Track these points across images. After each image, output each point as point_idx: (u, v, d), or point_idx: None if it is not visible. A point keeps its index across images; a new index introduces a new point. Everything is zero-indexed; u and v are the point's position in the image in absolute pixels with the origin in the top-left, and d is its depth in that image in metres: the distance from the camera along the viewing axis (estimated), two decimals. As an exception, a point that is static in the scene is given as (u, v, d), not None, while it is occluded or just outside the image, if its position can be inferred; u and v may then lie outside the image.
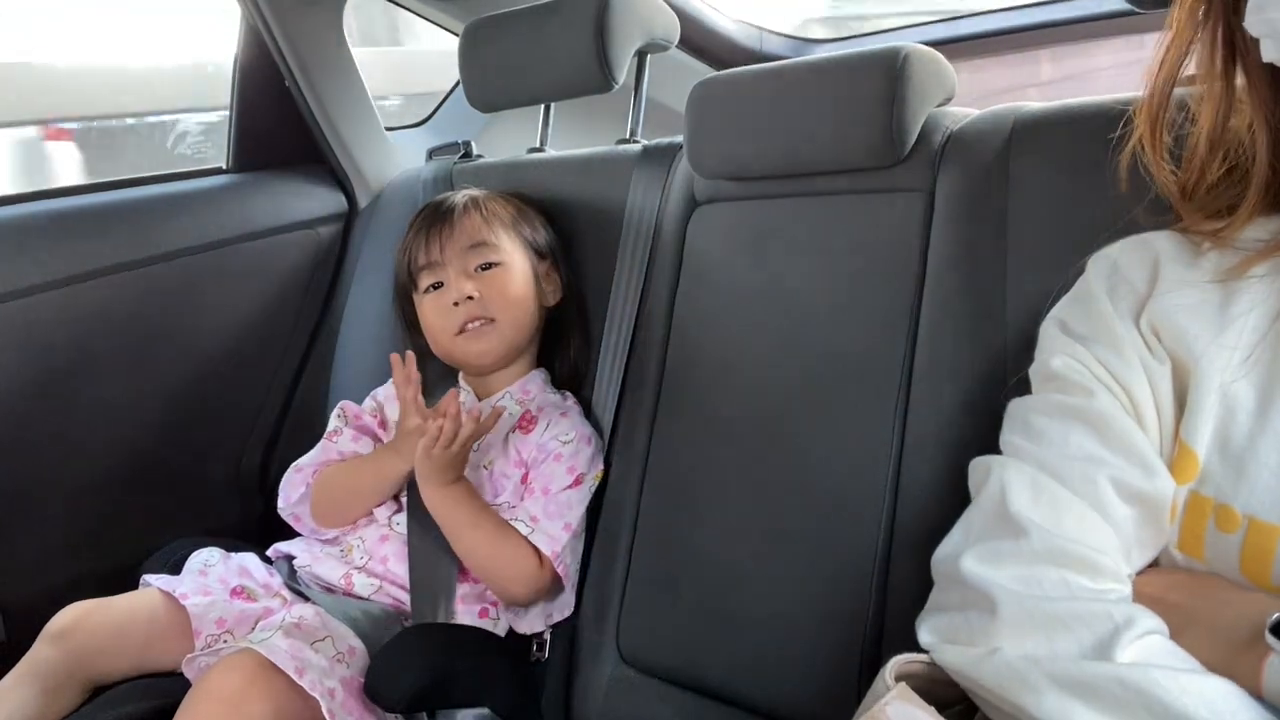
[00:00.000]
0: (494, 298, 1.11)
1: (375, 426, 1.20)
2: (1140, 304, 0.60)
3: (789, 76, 1.01)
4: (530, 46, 1.28)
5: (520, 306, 1.13)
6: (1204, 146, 0.58)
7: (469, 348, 1.12)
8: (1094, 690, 0.47)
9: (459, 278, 1.11)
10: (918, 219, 0.93)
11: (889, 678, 0.53)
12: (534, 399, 1.14)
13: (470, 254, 1.12)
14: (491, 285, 1.11)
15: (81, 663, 1.00)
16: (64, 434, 1.27)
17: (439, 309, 1.12)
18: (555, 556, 1.03)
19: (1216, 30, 0.57)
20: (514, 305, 1.12)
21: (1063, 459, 0.58)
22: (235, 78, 1.47)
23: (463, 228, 1.13)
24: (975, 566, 0.55)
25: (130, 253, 1.30)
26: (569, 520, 1.05)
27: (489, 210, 1.15)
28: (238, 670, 0.87)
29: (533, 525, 1.03)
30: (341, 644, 0.95)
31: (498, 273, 1.12)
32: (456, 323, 1.11)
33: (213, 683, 0.87)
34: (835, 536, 0.92)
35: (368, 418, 1.20)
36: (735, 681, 0.96)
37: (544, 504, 1.05)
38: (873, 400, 0.92)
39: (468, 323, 1.10)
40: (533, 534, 1.03)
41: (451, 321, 1.11)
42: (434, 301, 1.13)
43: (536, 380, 1.17)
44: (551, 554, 1.03)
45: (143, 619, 1.03)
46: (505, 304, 1.11)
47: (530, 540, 1.02)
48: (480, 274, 1.12)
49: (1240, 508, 0.53)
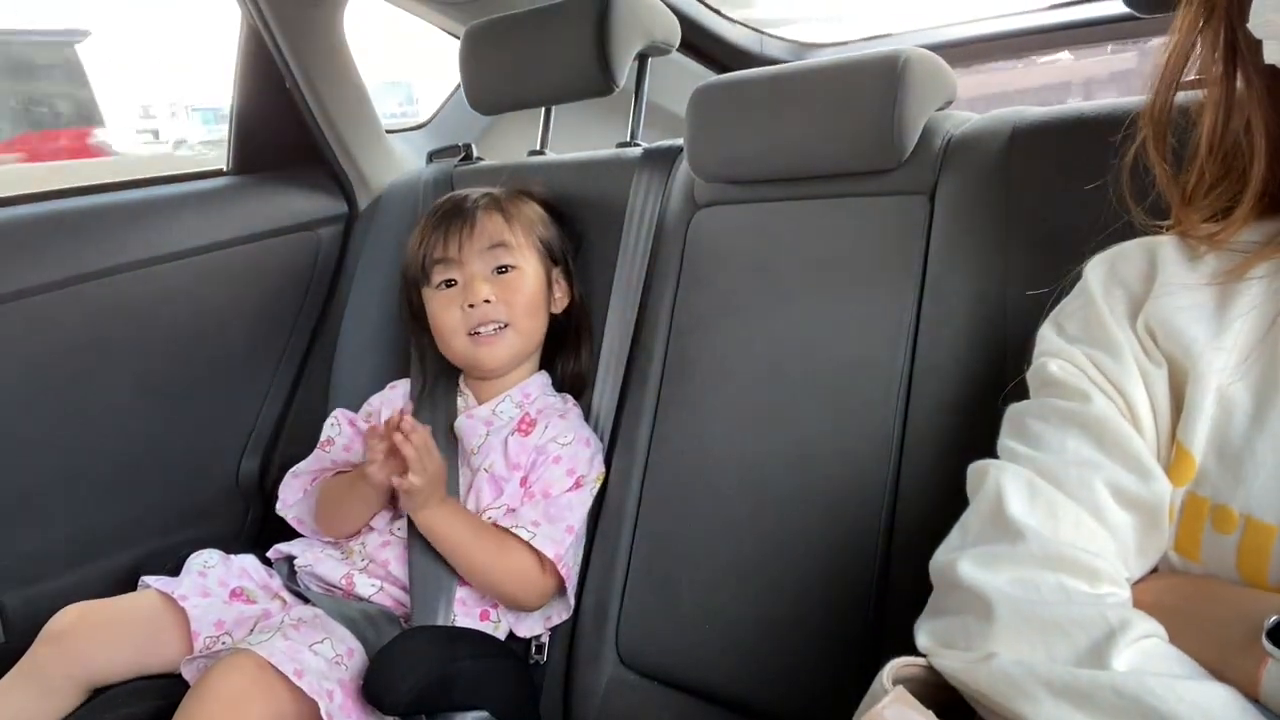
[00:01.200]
0: (510, 302, 1.10)
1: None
2: (1137, 307, 0.60)
3: (790, 80, 1.01)
4: (531, 49, 1.28)
5: (533, 313, 1.13)
6: (1204, 150, 0.59)
7: (479, 351, 1.11)
8: (1089, 698, 0.47)
9: (476, 279, 1.10)
10: (918, 222, 0.93)
11: (887, 681, 0.53)
12: (534, 402, 1.14)
13: (489, 255, 1.11)
14: (508, 289, 1.11)
15: (80, 663, 0.99)
16: (63, 435, 1.27)
17: (452, 308, 1.11)
18: (559, 559, 1.03)
19: (1219, 33, 0.57)
20: (528, 311, 1.12)
21: (1059, 464, 0.58)
22: (235, 79, 1.47)
23: (484, 227, 1.11)
24: (972, 571, 0.55)
25: (130, 254, 1.30)
26: (571, 523, 1.05)
27: (509, 211, 1.14)
28: (236, 672, 0.87)
29: (534, 530, 1.03)
30: (340, 646, 0.95)
31: (514, 277, 1.11)
32: (470, 324, 1.10)
33: (211, 684, 0.87)
34: (834, 538, 0.92)
35: (361, 423, 1.20)
36: (733, 684, 0.96)
37: (545, 508, 1.05)
38: (872, 402, 0.92)
39: (480, 326, 1.10)
40: (535, 539, 1.03)
41: (464, 322, 1.10)
42: (447, 299, 1.12)
43: (538, 383, 1.16)
44: (555, 557, 1.03)
45: (141, 620, 1.03)
46: (520, 309, 1.11)
47: (533, 545, 1.02)
48: (497, 276, 1.11)
49: (1238, 508, 0.53)
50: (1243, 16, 0.52)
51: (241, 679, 0.86)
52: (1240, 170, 0.58)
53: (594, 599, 1.08)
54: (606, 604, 1.07)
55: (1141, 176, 0.63)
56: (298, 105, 1.46)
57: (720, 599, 0.98)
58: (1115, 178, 0.65)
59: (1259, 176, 0.56)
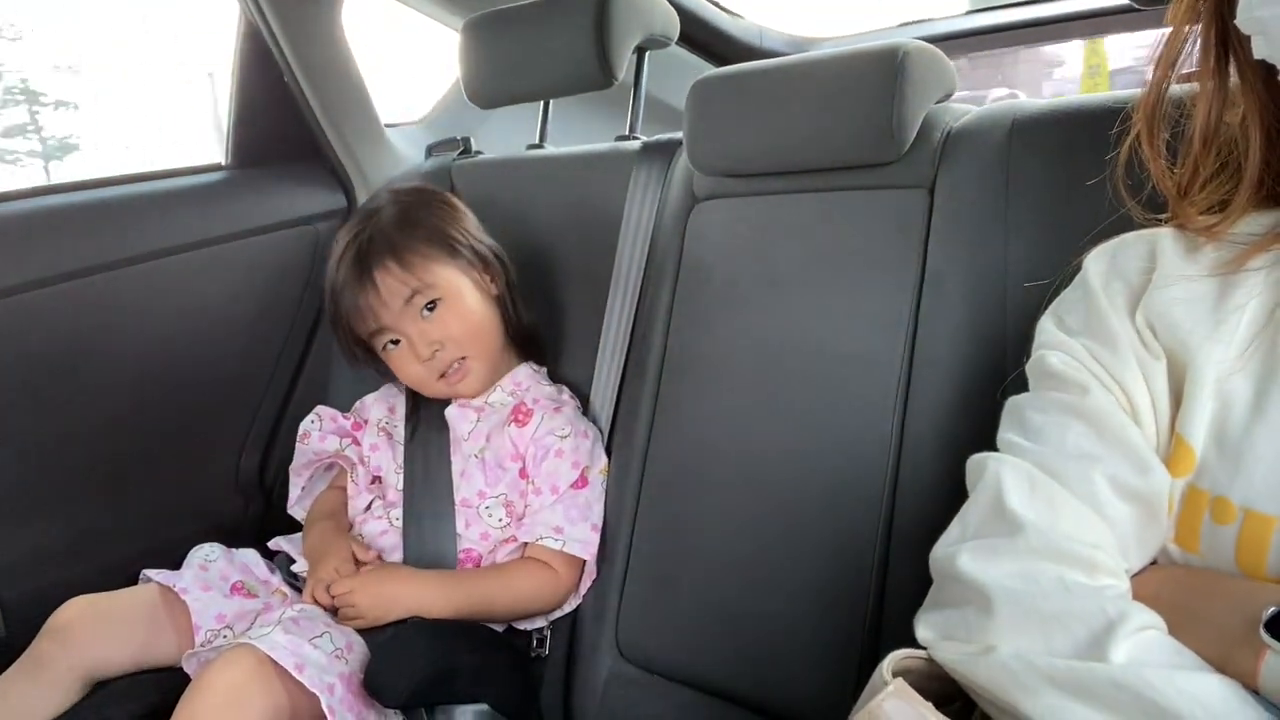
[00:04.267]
0: (457, 334, 1.08)
1: (350, 428, 1.21)
2: (1136, 299, 0.60)
3: (789, 73, 1.01)
4: (530, 43, 1.28)
5: (485, 330, 1.11)
6: (1198, 143, 0.59)
7: (456, 389, 1.11)
8: (1089, 691, 0.47)
9: (414, 332, 1.07)
10: (917, 215, 0.93)
11: (886, 673, 0.53)
12: (527, 390, 1.14)
13: (411, 304, 1.07)
14: (448, 323, 1.08)
15: (82, 657, 1.00)
16: (61, 430, 1.27)
17: (410, 362, 1.09)
18: (592, 558, 1.05)
19: (1211, 28, 0.57)
20: (479, 333, 1.10)
21: (1059, 456, 0.58)
22: (234, 74, 1.47)
23: (389, 288, 1.06)
24: (971, 563, 0.56)
25: (129, 249, 1.30)
26: (594, 520, 1.07)
27: (406, 251, 1.07)
28: (237, 666, 0.87)
29: (560, 536, 1.04)
30: (340, 639, 0.95)
31: (444, 309, 1.08)
32: (435, 371, 1.09)
33: (212, 678, 0.87)
34: (834, 532, 0.92)
35: (342, 420, 1.21)
36: (733, 677, 0.96)
37: (563, 510, 1.05)
38: (872, 396, 0.92)
39: (444, 371, 1.09)
40: (566, 545, 1.04)
41: (429, 370, 1.09)
42: (400, 356, 1.10)
43: (525, 371, 1.17)
44: (590, 557, 1.05)
45: (143, 614, 1.03)
46: (468, 336, 1.09)
47: (565, 551, 1.04)
48: (430, 316, 1.08)
49: (1237, 499, 0.53)
50: (1233, 12, 0.52)
51: (242, 673, 0.86)
52: (1236, 164, 0.58)
53: (594, 592, 1.08)
54: (606, 597, 1.07)
55: (1138, 171, 0.63)
56: (296, 99, 1.45)
57: (720, 592, 0.98)
58: (1112, 171, 0.65)
59: (1254, 169, 0.56)
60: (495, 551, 1.08)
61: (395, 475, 1.13)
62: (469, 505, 1.09)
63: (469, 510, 1.08)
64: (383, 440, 1.17)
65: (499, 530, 1.08)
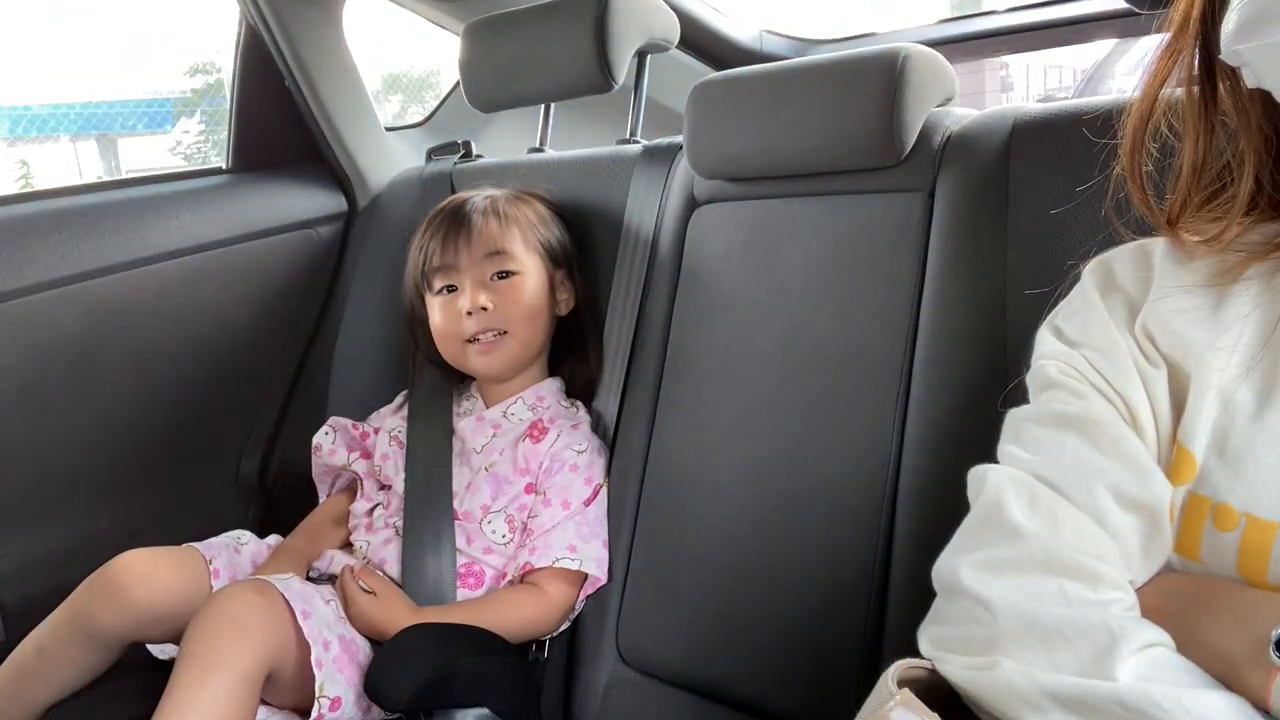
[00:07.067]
0: (508, 309, 1.10)
1: (359, 438, 1.21)
2: (1135, 309, 0.60)
3: (789, 77, 1.01)
4: (530, 47, 1.28)
5: (533, 319, 1.12)
6: (1187, 171, 0.59)
7: (478, 360, 1.11)
8: (1094, 710, 0.47)
9: (474, 286, 1.10)
10: (918, 219, 0.93)
11: (891, 683, 0.53)
12: (548, 408, 1.14)
13: (487, 262, 1.11)
14: (506, 296, 1.10)
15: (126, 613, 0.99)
16: (63, 433, 1.27)
17: (451, 314, 1.11)
18: (605, 576, 1.05)
19: (1195, 58, 0.57)
20: (527, 318, 1.11)
21: (1060, 468, 0.58)
22: (235, 77, 1.47)
23: (480, 234, 1.10)
24: (974, 577, 0.55)
25: (129, 252, 1.30)
26: (602, 536, 1.07)
27: (508, 215, 1.13)
28: (249, 593, 0.89)
29: (575, 555, 1.03)
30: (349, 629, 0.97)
31: (514, 282, 1.11)
32: (468, 331, 1.10)
33: (223, 600, 0.88)
34: (834, 536, 0.92)
35: (352, 430, 1.22)
36: (734, 681, 0.96)
37: (575, 528, 1.05)
38: (872, 400, 0.92)
39: (479, 333, 1.10)
40: (582, 564, 1.03)
41: (462, 329, 1.10)
42: (446, 305, 1.12)
43: (551, 388, 1.16)
44: (604, 576, 1.05)
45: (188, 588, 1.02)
46: (519, 316, 1.10)
47: (582, 570, 1.04)
48: (495, 283, 1.10)
49: (1238, 506, 0.53)
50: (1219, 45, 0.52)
51: (251, 602, 0.88)
52: (1226, 184, 0.58)
53: (594, 597, 1.08)
54: (607, 601, 1.07)
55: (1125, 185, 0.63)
56: (297, 103, 1.46)
57: (720, 596, 0.98)
58: (1102, 187, 0.65)
59: (1245, 194, 0.56)
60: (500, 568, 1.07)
61: (403, 485, 1.13)
62: (472, 519, 1.08)
63: (471, 524, 1.08)
64: (394, 450, 1.17)
65: (501, 545, 1.07)
